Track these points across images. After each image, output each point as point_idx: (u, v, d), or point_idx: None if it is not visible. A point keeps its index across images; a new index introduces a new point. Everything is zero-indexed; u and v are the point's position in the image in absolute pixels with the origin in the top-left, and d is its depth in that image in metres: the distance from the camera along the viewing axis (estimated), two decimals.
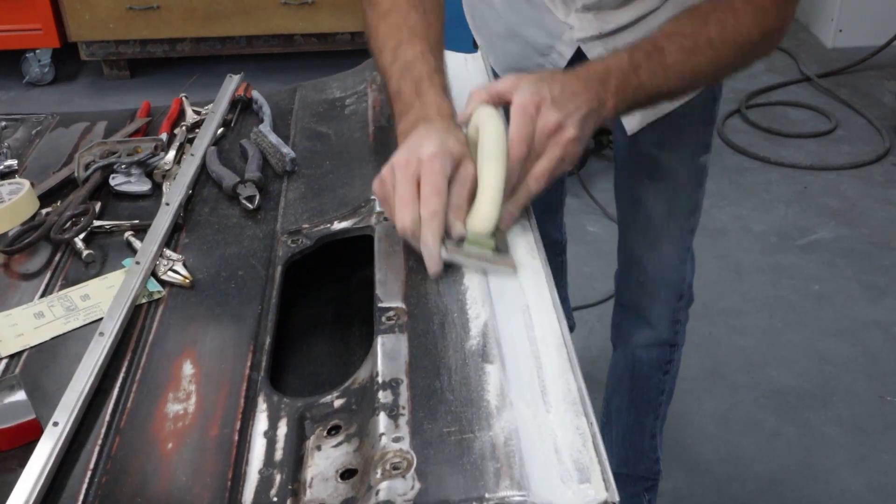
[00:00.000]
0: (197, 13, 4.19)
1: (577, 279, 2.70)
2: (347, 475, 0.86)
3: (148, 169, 1.42)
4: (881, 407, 2.55)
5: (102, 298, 1.15)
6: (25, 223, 1.29)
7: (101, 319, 1.09)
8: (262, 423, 0.95)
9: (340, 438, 0.91)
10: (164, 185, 1.39)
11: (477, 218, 1.06)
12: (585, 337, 2.75)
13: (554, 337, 0.99)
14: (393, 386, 0.93)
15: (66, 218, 1.28)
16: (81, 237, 1.25)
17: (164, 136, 1.49)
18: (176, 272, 1.19)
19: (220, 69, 1.72)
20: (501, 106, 1.16)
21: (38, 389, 1.00)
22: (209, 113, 1.55)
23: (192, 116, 1.58)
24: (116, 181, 1.40)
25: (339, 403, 0.95)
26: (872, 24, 4.40)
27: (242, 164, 1.41)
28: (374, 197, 1.22)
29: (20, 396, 0.96)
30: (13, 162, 1.47)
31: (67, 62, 4.48)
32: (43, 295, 1.18)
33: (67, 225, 1.27)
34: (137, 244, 1.23)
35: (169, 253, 1.22)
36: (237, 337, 1.08)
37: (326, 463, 0.89)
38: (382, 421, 0.88)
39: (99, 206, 1.33)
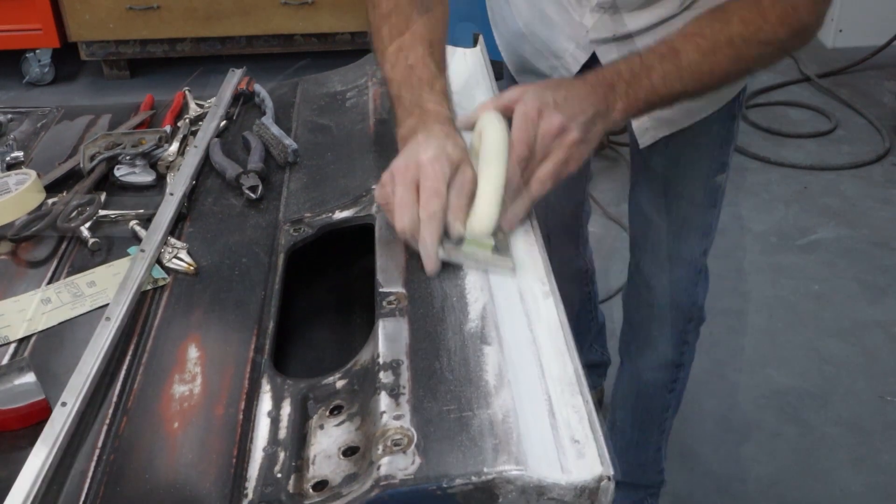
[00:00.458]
0: (197, 13, 4.20)
1: None
2: (350, 452, 0.88)
3: (152, 160, 1.43)
4: (881, 407, 2.55)
5: (108, 285, 1.17)
6: (32, 213, 1.30)
7: (107, 305, 1.10)
8: (266, 403, 0.96)
9: (342, 418, 0.93)
10: (167, 175, 1.41)
11: (476, 218, 1.08)
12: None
13: (551, 320, 1.01)
14: (394, 367, 0.94)
15: (72, 207, 1.29)
16: (87, 226, 1.27)
17: (167, 128, 1.50)
18: (180, 259, 1.20)
19: (220, 69, 1.73)
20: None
21: (46, 372, 1.01)
22: (212, 106, 1.56)
23: (194, 109, 1.59)
24: (121, 172, 1.41)
25: (341, 384, 0.97)
26: (872, 24, 4.41)
27: (245, 155, 1.43)
28: (374, 187, 1.22)
29: (30, 378, 0.97)
30: (20, 153, 1.48)
31: (67, 62, 4.48)
32: (50, 282, 1.20)
33: (73, 214, 1.28)
34: (142, 233, 1.24)
35: (173, 241, 1.23)
36: (241, 321, 1.09)
37: (329, 441, 0.90)
38: (384, 400, 0.90)
39: (104, 196, 1.34)
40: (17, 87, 4.45)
